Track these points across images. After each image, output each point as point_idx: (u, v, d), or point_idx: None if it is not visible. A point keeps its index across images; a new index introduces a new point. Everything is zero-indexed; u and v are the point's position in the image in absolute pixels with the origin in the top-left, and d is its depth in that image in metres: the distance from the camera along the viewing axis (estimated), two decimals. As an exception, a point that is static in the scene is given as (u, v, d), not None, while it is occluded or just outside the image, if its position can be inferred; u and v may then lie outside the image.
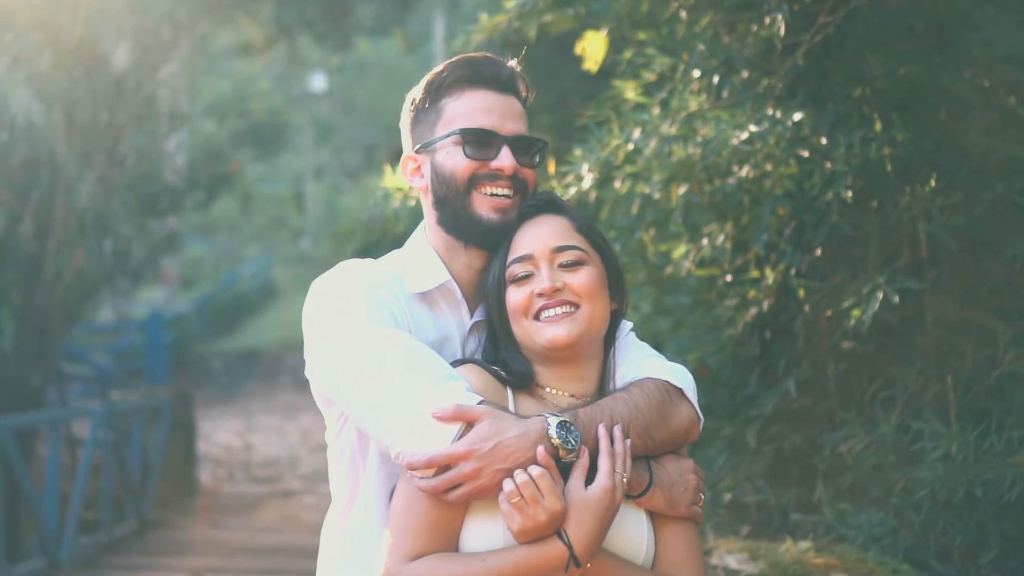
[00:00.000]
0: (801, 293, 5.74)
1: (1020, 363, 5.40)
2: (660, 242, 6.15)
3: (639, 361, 3.30)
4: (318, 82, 39.71)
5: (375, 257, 3.43)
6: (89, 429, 13.46)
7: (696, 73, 5.94)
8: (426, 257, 3.35)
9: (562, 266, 3.15)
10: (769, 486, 5.99)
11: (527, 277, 3.16)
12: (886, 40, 5.83)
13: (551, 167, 6.32)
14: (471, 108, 3.29)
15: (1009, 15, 5.84)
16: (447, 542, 3.00)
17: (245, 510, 16.52)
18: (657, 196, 5.89)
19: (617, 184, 6.08)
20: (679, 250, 6.08)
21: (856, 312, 5.39)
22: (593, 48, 6.60)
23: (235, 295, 34.47)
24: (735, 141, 5.35)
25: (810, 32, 5.36)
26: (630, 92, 6.46)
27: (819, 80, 5.76)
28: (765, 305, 5.86)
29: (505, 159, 3.25)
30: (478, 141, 3.26)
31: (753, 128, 5.34)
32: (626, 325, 3.37)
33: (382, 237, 6.96)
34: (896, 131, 5.51)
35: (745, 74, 5.89)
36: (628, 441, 3.01)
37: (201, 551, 13.77)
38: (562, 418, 2.96)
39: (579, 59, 6.76)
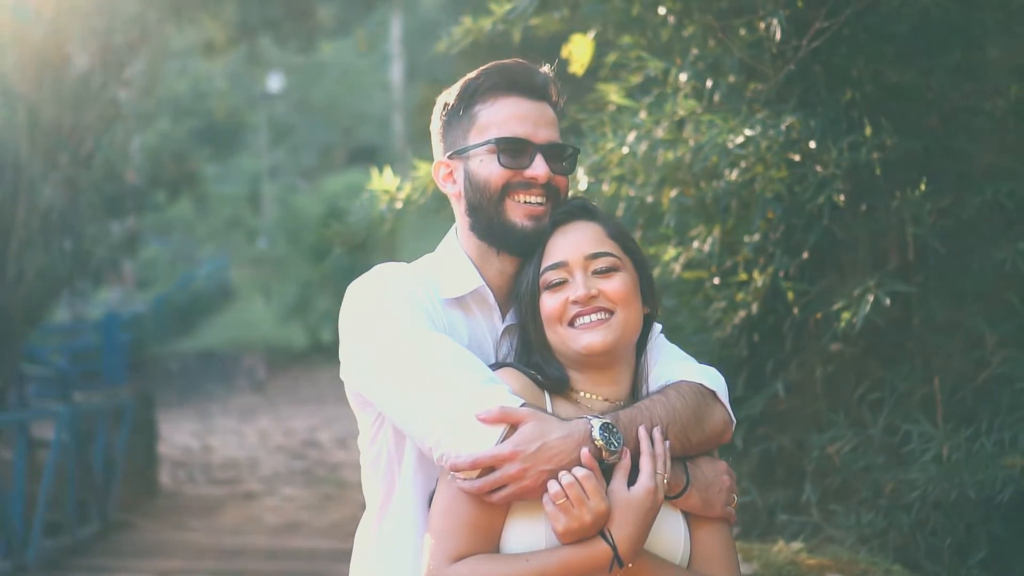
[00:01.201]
0: (790, 296, 5.78)
1: (1007, 365, 5.47)
2: (648, 244, 6.16)
3: (671, 364, 3.33)
4: (275, 82, 39.53)
5: (353, 259, 3.44)
6: (53, 431, 13.39)
7: (683, 77, 5.97)
8: (459, 262, 3.37)
9: (596, 273, 3.18)
10: (756, 487, 6.02)
11: (561, 284, 3.19)
12: (875, 45, 5.88)
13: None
14: (505, 116, 3.31)
15: (999, 21, 5.91)
16: (489, 543, 3.02)
17: (207, 512, 16.49)
18: (650, 199, 5.91)
19: (605, 187, 6.09)
20: (668, 253, 6.10)
21: (846, 315, 5.43)
22: (579, 51, 6.62)
23: (191, 296, 34.32)
24: (730, 145, 5.37)
25: (806, 37, 5.39)
26: (614, 95, 6.47)
27: (808, 85, 5.81)
28: (754, 308, 5.89)
29: (539, 168, 3.27)
30: (512, 150, 3.28)
31: (748, 132, 5.36)
32: (656, 327, 3.40)
33: (368, 239, 6.95)
34: (885, 135, 5.55)
35: (732, 79, 5.93)
36: (667, 443, 3.05)
37: (166, 553, 13.74)
38: (605, 420, 3.00)
39: (554, 61, 6.77)
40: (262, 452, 20.76)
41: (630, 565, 2.97)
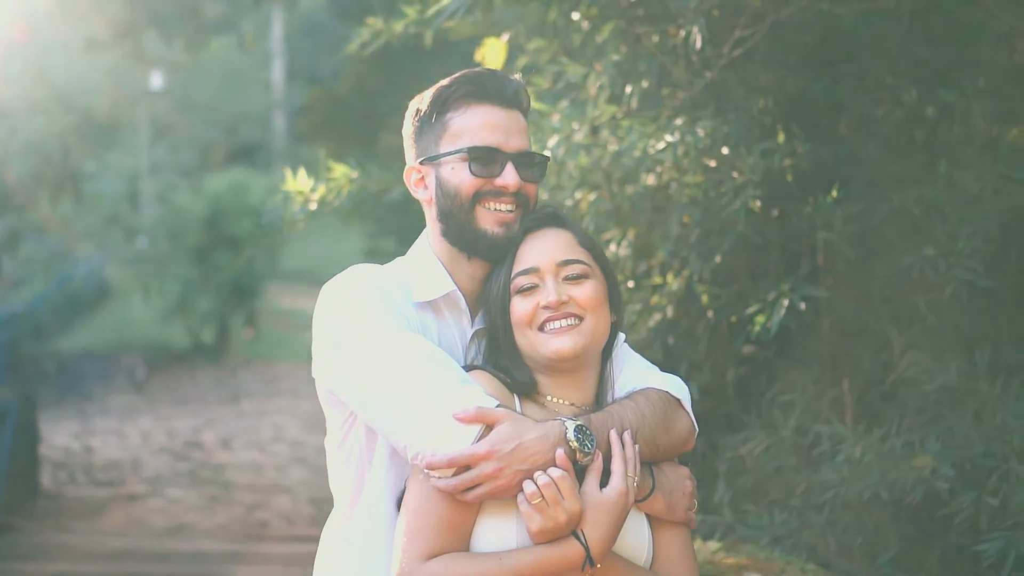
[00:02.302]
0: (704, 299, 5.87)
1: (914, 368, 5.61)
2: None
3: (637, 371, 3.42)
4: (156, 79, 38.97)
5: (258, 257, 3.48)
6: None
7: (598, 82, 6.04)
8: (431, 266, 3.42)
9: (567, 279, 3.25)
10: (668, 487, 6.09)
11: (532, 289, 3.26)
12: (786, 54, 6.00)
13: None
14: (477, 124, 3.37)
15: (904, 32, 6.06)
16: (461, 542, 3.07)
17: (90, 514, 16.21)
18: (568, 203, 5.97)
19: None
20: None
21: (760, 318, 5.54)
22: (493, 55, 6.66)
23: (69, 295, 33.70)
24: (652, 151, 5.44)
25: (726, 45, 5.48)
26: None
27: (722, 92, 5.90)
28: (668, 311, 5.97)
29: (509, 177, 3.33)
30: (483, 158, 3.34)
31: (669, 138, 5.44)
32: (620, 336, 3.46)
33: (281, 241, 6.92)
34: (797, 143, 5.67)
35: (646, 84, 6.01)
36: (637, 447, 3.11)
37: (50, 556, 13.51)
38: (578, 422, 3.06)
39: (449, 64, 6.80)
40: (144, 453, 20.44)
41: (598, 566, 3.02)
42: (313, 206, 6.38)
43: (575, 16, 6.13)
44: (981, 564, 4.94)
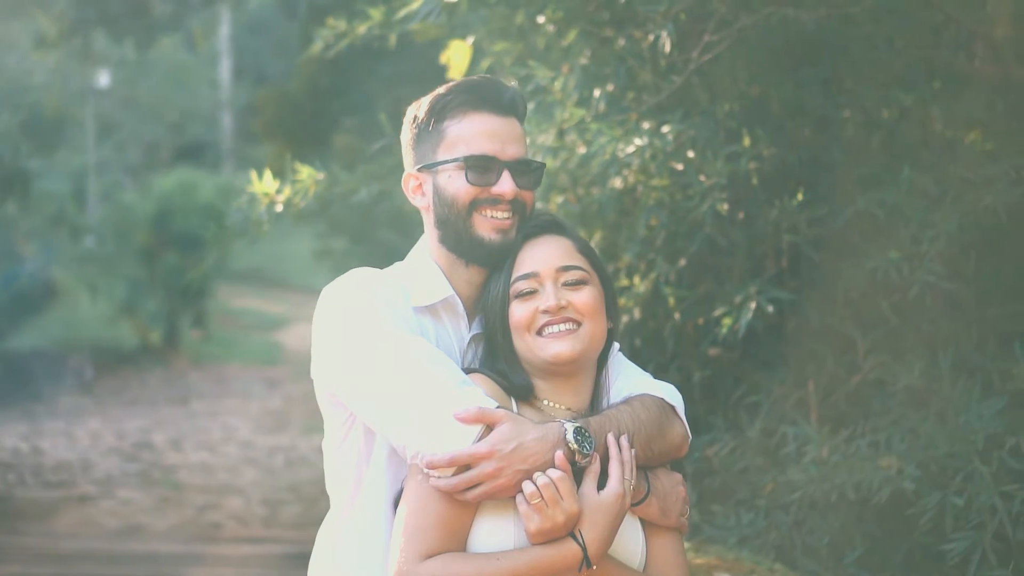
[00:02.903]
0: (671, 301, 5.91)
1: (878, 370, 5.68)
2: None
3: (632, 378, 3.47)
4: (103, 78, 38.66)
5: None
6: None
7: (562, 86, 6.07)
8: (429, 272, 3.45)
9: (566, 285, 3.28)
10: (634, 488, 6.13)
11: (531, 293, 3.29)
12: (750, 59, 6.05)
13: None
14: (473, 132, 3.39)
15: (866, 38, 6.12)
16: (458, 542, 3.10)
17: (41, 516, 16.07)
18: (539, 205, 5.98)
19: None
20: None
21: (727, 320, 5.59)
22: (457, 58, 6.68)
23: (14, 295, 33.32)
24: (621, 154, 5.48)
25: (696, 50, 5.52)
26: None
27: (686, 97, 5.95)
28: (635, 313, 6.01)
29: (506, 185, 3.36)
30: (480, 167, 3.37)
31: (639, 141, 5.48)
32: (615, 344, 3.49)
33: (249, 242, 6.91)
34: (762, 146, 5.72)
35: (611, 87, 6.04)
36: (633, 451, 3.14)
37: (2, 558, 13.39)
38: (578, 424, 3.09)
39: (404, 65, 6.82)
40: (94, 454, 20.28)
41: (594, 567, 3.06)
42: (279, 208, 6.37)
43: (540, 19, 6.15)
44: (946, 563, 5.00)
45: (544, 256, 3.32)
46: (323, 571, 3.47)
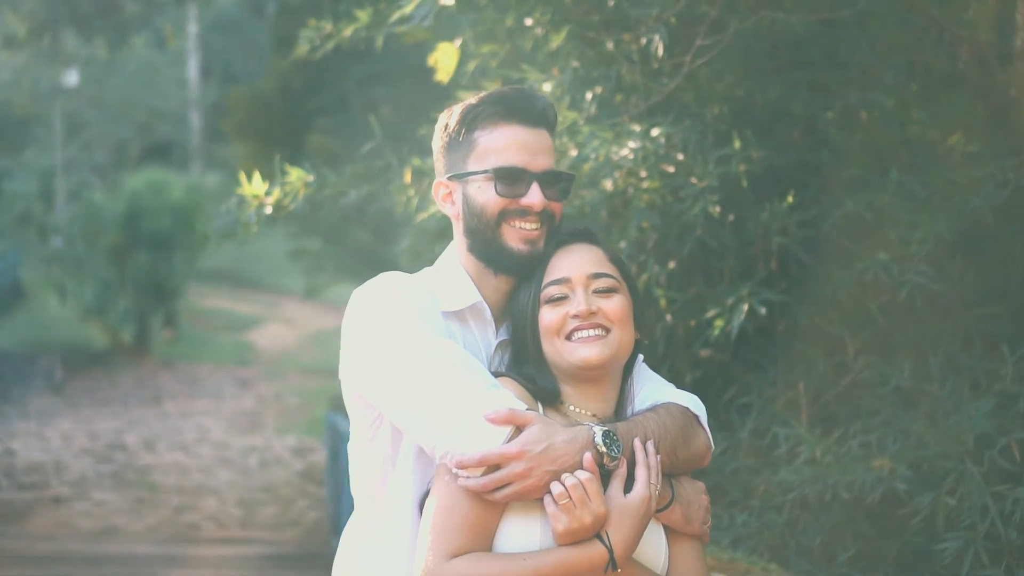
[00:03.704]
0: (662, 303, 5.94)
1: (868, 371, 5.73)
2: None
3: (656, 388, 3.51)
4: (71, 77, 38.50)
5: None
6: None
7: (554, 89, 6.09)
8: (458, 278, 3.48)
9: (596, 292, 3.32)
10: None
11: (562, 299, 3.33)
12: (737, 63, 6.09)
13: (407, 177, 6.39)
14: (504, 144, 3.41)
15: (851, 41, 6.17)
16: (485, 542, 3.13)
17: (15, 517, 16.04)
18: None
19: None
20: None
21: (719, 322, 5.63)
22: (445, 60, 6.70)
23: (-19, 295, 33.19)
24: (615, 157, 5.51)
25: (689, 53, 5.55)
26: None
27: (674, 99, 5.98)
28: (627, 315, 6.02)
29: (535, 196, 3.39)
30: (509, 178, 3.39)
31: (632, 144, 5.51)
32: (639, 355, 3.53)
33: (238, 243, 6.90)
34: (752, 149, 5.76)
35: (600, 90, 6.07)
36: (659, 456, 3.17)
37: (-23, 561, 13.38)
38: (606, 428, 3.13)
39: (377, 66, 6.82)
40: (67, 455, 20.21)
41: (619, 570, 3.09)
42: (268, 210, 6.36)
43: (528, 22, 6.17)
44: (938, 563, 5.05)
45: (576, 263, 3.36)
46: (347, 572, 3.50)
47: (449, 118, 3.49)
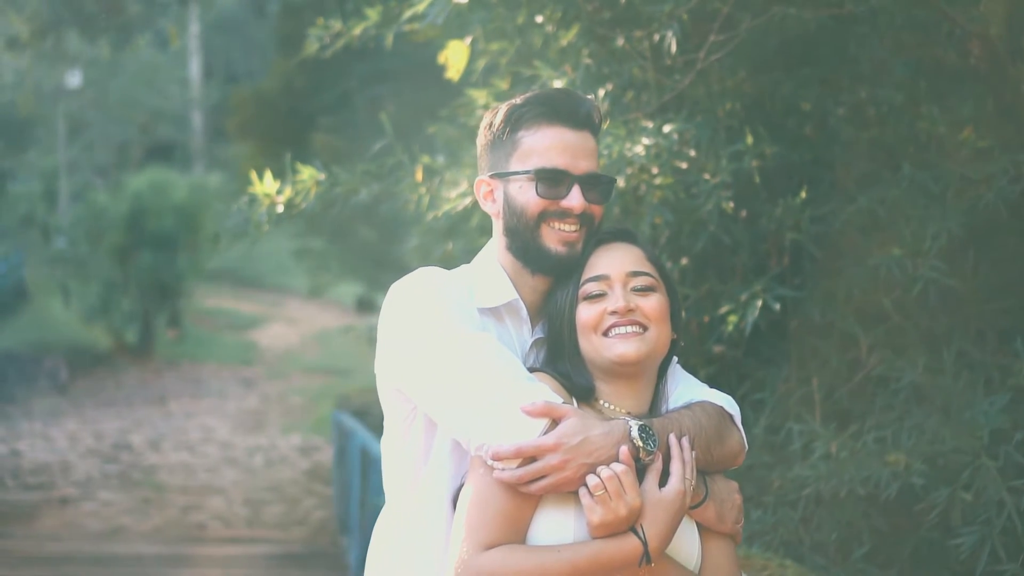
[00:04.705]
0: (676, 299, 5.92)
1: (882, 367, 5.72)
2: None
3: (691, 387, 3.54)
4: (74, 78, 38.49)
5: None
6: None
7: (563, 85, 6.08)
8: (495, 275, 3.51)
9: (635, 290, 3.35)
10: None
11: (601, 296, 3.35)
12: (749, 59, 6.08)
13: (418, 175, 6.39)
14: (547, 145, 3.42)
15: (863, 37, 6.16)
16: (519, 534, 3.15)
17: (23, 518, 16.05)
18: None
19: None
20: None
21: (732, 318, 5.63)
22: (455, 58, 6.69)
23: (-14, 296, 33.16)
24: (628, 153, 5.51)
25: (703, 50, 5.55)
26: (484, 100, 6.57)
27: (685, 96, 5.97)
28: (640, 311, 6.01)
29: (575, 199, 3.41)
30: (550, 180, 3.40)
31: (646, 141, 5.51)
32: (674, 357, 3.53)
33: (249, 243, 6.89)
34: (764, 145, 5.76)
35: (610, 87, 6.07)
36: (694, 452, 3.18)
37: (-14, 561, 13.38)
38: (642, 422, 3.15)
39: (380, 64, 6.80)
40: (73, 456, 20.24)
41: (652, 565, 3.10)
42: (280, 209, 6.36)
43: (539, 19, 6.16)
44: (955, 559, 5.05)
45: (616, 261, 3.38)
46: (380, 565, 3.51)
47: (494, 117, 3.51)
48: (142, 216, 29.40)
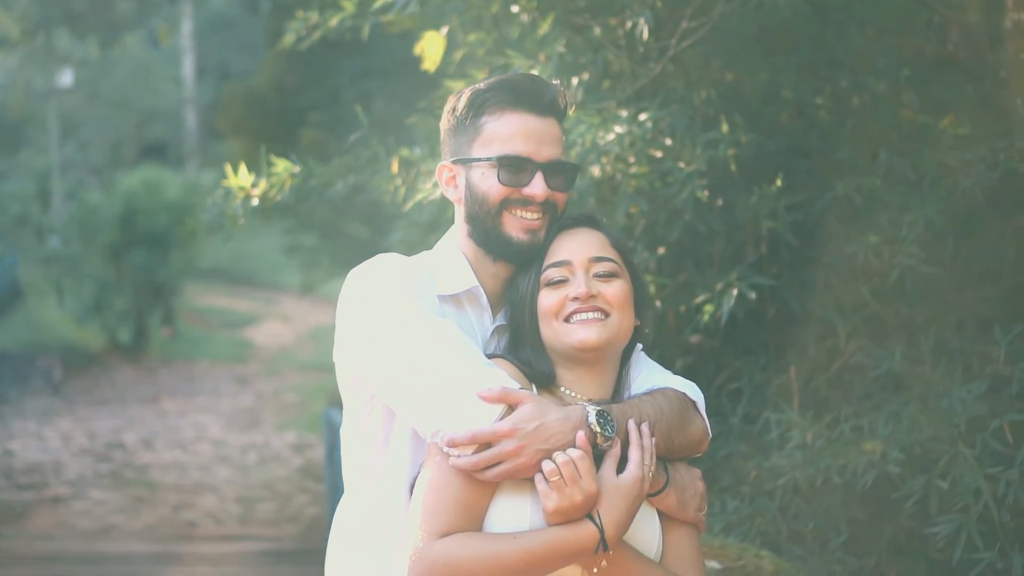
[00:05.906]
0: (652, 289, 5.91)
1: (859, 355, 5.69)
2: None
3: (654, 374, 3.49)
4: (66, 77, 38.45)
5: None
6: None
7: (536, 73, 6.05)
8: (456, 262, 3.47)
9: (597, 276, 3.31)
10: (617, 477, 6.13)
11: (562, 282, 3.32)
12: (725, 46, 6.05)
13: (394, 167, 6.35)
14: (510, 132, 3.38)
15: (840, 24, 6.14)
16: (475, 522, 3.12)
17: (15, 517, 16.00)
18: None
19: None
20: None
21: (709, 307, 5.60)
22: (431, 49, 6.65)
23: (-21, 297, 33.12)
24: (601, 142, 5.48)
25: (675, 36, 5.52)
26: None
27: (661, 84, 5.95)
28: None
29: (537, 187, 3.36)
30: (513, 167, 3.36)
31: (619, 129, 5.48)
32: (638, 344, 3.50)
33: (224, 239, 6.86)
34: (740, 133, 5.73)
35: (586, 75, 6.04)
36: (653, 439, 3.15)
37: (-22, 560, 13.36)
38: (600, 408, 3.12)
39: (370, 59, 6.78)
40: (65, 455, 20.17)
41: (610, 552, 3.07)
42: (255, 202, 6.33)
43: (515, 9, 6.14)
44: (932, 547, 5.02)
45: (578, 246, 3.34)
46: (340, 554, 3.50)
47: (457, 101, 3.46)
48: (135, 215, 29.32)
